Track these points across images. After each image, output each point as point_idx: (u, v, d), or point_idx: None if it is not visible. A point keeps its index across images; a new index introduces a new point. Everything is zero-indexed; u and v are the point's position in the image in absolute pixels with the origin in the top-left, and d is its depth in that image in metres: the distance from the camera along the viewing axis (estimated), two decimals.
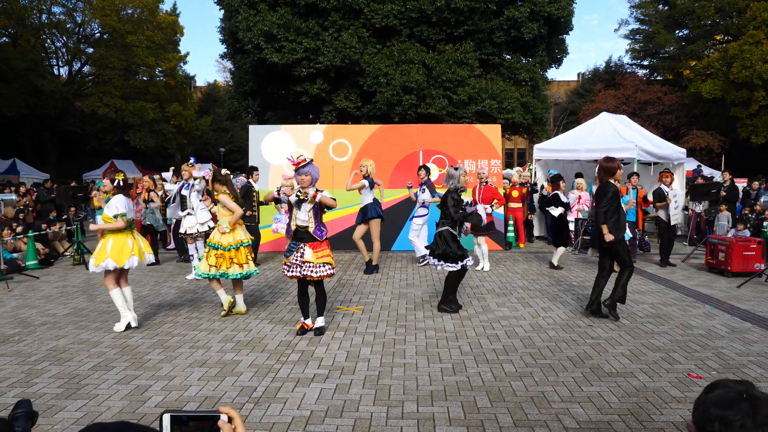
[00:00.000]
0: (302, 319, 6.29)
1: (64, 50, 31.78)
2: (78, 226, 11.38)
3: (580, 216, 12.66)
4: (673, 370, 5.00)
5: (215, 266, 6.79)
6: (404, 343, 5.87)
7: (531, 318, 6.83)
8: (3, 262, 9.34)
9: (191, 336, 6.12)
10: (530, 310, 7.20)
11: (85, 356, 5.43)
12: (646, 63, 35.44)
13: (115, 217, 6.17)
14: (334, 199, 6.10)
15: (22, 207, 13.22)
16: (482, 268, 10.01)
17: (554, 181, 10.95)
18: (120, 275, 6.33)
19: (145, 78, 32.36)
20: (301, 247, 6.04)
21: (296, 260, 6.02)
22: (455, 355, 5.46)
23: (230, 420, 1.02)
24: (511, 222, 12.87)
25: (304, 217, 6.02)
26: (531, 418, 4.08)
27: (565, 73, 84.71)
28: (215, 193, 7.01)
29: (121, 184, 6.35)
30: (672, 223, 10.64)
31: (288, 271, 6.10)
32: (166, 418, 1.02)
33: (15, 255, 10.47)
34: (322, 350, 5.62)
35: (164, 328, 6.41)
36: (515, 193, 12.79)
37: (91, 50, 31.05)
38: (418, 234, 10.44)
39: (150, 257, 6.55)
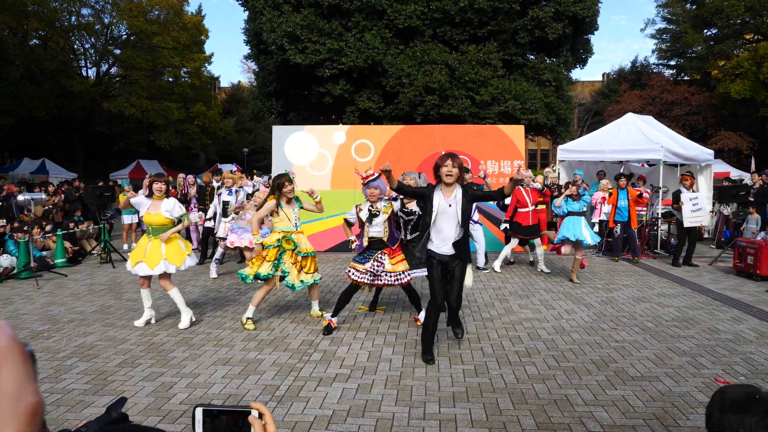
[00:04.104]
0: (329, 316, 6.30)
1: (92, 51, 32.32)
2: (105, 225, 11.57)
3: (604, 217, 12.50)
4: (700, 375, 4.92)
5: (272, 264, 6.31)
6: None
7: (554, 320, 6.78)
8: (33, 260, 9.56)
9: (215, 334, 6.19)
10: (553, 312, 7.14)
11: (112, 353, 5.53)
12: (673, 63, 34.81)
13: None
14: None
15: (50, 206, 13.49)
16: (541, 270, 10.27)
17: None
18: (161, 277, 6.38)
19: (170, 78, 32.73)
20: (379, 256, 6.13)
21: (373, 269, 6.10)
22: (477, 357, 5.44)
23: (261, 416, 1.04)
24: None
25: (378, 229, 6.10)
26: (554, 421, 4.05)
27: (591, 73, 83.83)
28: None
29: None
30: (685, 225, 10.64)
31: (357, 275, 6.12)
32: (199, 411, 1.05)
33: (44, 253, 10.70)
34: (344, 350, 5.65)
35: (189, 327, 6.50)
36: None
37: (118, 51, 31.53)
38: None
39: (189, 261, 6.50)
